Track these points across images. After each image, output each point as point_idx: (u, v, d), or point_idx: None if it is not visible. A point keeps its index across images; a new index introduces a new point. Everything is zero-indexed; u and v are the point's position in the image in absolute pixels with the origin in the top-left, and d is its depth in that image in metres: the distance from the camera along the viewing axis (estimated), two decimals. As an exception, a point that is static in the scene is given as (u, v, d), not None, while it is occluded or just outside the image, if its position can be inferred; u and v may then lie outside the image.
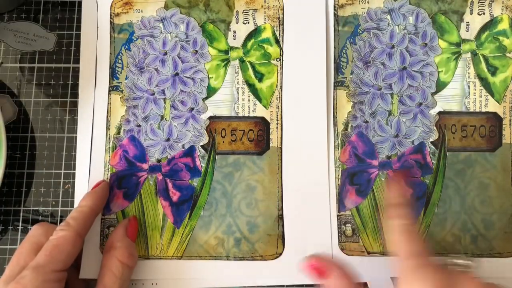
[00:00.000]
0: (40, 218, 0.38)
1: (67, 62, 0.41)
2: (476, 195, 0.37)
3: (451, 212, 0.37)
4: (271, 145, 0.37)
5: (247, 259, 0.36)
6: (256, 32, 0.39)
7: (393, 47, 0.38)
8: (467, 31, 0.38)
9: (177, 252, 0.36)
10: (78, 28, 0.41)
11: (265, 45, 0.38)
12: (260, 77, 0.38)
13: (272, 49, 0.38)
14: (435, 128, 0.38)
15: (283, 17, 0.38)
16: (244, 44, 0.38)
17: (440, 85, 0.38)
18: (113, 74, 0.38)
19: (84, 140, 0.38)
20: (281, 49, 0.38)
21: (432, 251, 0.35)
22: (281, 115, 0.38)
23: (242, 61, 0.38)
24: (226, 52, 0.39)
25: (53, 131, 0.40)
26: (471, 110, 0.38)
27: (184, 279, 0.36)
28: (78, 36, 0.41)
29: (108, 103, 0.38)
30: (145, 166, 0.37)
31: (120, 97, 0.38)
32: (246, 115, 0.38)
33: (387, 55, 0.38)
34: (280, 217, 0.36)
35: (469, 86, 0.38)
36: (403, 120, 0.38)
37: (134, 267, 0.34)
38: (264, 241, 0.36)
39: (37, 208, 0.38)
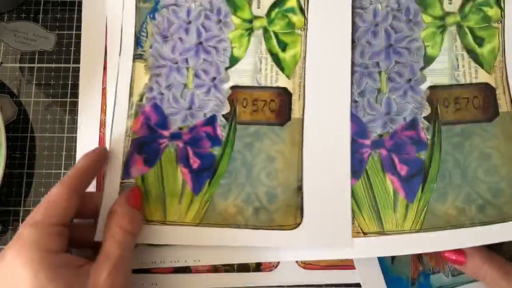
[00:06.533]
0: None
1: (67, 62, 0.41)
2: (478, 166, 0.36)
3: (452, 186, 0.36)
4: (292, 116, 0.37)
5: (265, 228, 0.36)
6: (280, 1, 0.38)
7: (377, 25, 0.38)
8: (450, 3, 0.38)
9: (195, 219, 0.36)
10: (78, 28, 0.41)
11: (289, 14, 0.38)
12: (283, 46, 0.38)
13: (297, 18, 0.38)
14: (426, 103, 0.37)
15: (308, -16, 0.38)
16: (268, 13, 0.38)
17: (428, 60, 0.38)
18: (137, 42, 0.39)
19: (108, 107, 0.38)
20: (305, 18, 0.38)
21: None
22: (304, 85, 0.37)
23: (265, 30, 0.38)
24: (250, 21, 0.38)
25: (53, 131, 0.39)
26: (462, 82, 0.37)
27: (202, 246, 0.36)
28: (78, 36, 0.41)
29: (132, 71, 0.38)
30: (166, 133, 0.37)
31: (144, 66, 0.38)
32: (269, 85, 0.38)
33: (371, 33, 0.38)
34: (300, 188, 0.36)
35: (457, 59, 0.38)
36: (393, 97, 0.37)
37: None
38: (283, 211, 0.36)
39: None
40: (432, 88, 0.37)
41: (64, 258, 0.30)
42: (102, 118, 0.39)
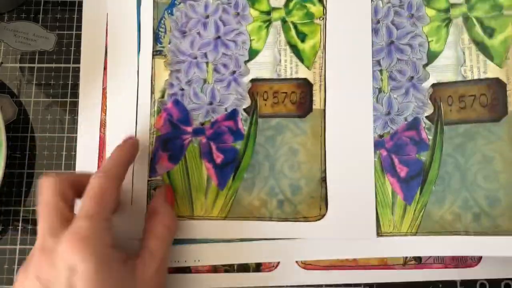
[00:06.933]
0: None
1: (67, 62, 0.40)
2: (478, 170, 0.35)
3: (451, 190, 0.35)
4: (314, 107, 0.37)
5: (290, 220, 0.36)
6: (298, -9, 0.38)
7: (378, 22, 0.37)
8: None
9: (222, 213, 0.37)
10: (78, 28, 0.41)
11: (307, 4, 0.38)
12: (302, 37, 0.38)
13: (315, 8, 0.38)
14: (429, 101, 0.36)
15: (326, -27, 0.37)
16: (286, 4, 0.38)
17: (432, 56, 0.36)
18: (156, 38, 0.39)
19: (130, 105, 0.38)
20: (324, 7, 0.37)
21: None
22: (324, 75, 0.37)
23: (284, 21, 0.38)
24: (268, 13, 0.38)
25: (53, 131, 0.39)
26: (469, 78, 0.36)
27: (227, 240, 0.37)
28: (78, 36, 0.40)
29: (152, 68, 0.39)
30: (189, 129, 0.38)
31: (164, 62, 0.39)
32: (289, 76, 0.37)
33: (373, 31, 0.37)
34: (323, 179, 0.36)
35: (464, 53, 0.36)
36: (394, 96, 0.36)
37: (176, 230, 0.35)
38: (307, 203, 0.36)
39: (37, 208, 0.38)
40: (435, 85, 0.36)
41: (115, 252, 0.30)
42: (102, 118, 0.39)
